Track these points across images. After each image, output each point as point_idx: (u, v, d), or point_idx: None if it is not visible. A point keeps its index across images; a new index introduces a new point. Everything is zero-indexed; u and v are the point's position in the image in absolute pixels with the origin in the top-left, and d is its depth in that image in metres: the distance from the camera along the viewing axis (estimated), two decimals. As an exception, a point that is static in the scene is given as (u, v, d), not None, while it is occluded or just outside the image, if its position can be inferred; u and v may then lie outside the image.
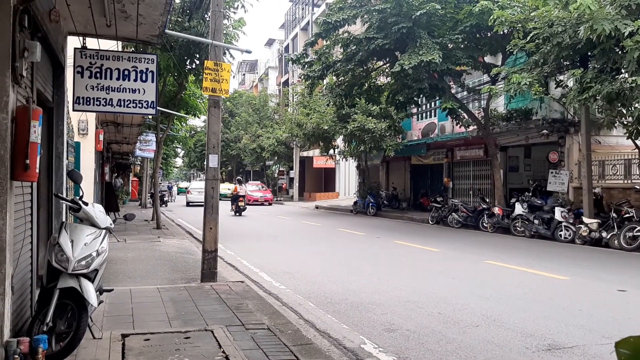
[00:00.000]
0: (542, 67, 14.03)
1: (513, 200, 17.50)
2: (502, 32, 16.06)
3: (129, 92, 6.96)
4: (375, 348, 5.39)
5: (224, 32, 12.86)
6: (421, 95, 19.36)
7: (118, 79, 6.90)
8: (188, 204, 34.59)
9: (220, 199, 9.18)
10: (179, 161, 77.20)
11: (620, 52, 11.85)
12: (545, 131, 17.89)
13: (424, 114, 26.92)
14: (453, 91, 20.09)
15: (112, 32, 6.77)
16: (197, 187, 34.14)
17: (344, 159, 32.84)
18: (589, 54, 13.26)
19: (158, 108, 8.59)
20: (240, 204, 25.17)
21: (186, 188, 43.33)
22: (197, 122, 48.82)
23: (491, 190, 20.56)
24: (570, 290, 8.33)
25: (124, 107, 6.98)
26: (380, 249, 13.50)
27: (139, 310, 6.46)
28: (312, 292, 8.03)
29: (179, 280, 8.66)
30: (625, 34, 10.90)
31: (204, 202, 8.67)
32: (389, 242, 14.65)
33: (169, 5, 5.94)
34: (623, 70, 12.09)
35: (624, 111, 13.11)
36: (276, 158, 46.23)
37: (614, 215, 13.63)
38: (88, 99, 6.82)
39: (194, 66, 15.47)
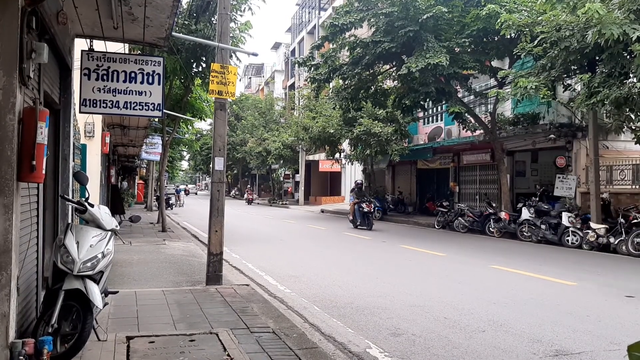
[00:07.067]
0: (550, 72, 13.95)
1: (520, 205, 17.43)
2: (509, 36, 16.00)
3: (136, 94, 6.96)
4: (381, 352, 5.35)
5: (231, 35, 12.89)
6: (428, 99, 19.31)
7: (125, 81, 6.91)
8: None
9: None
10: (184, 164, 77.56)
11: (628, 57, 11.78)
12: (552, 135, 17.78)
13: (430, 118, 26.85)
14: (460, 95, 20.02)
15: (119, 35, 6.77)
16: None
17: (349, 163, 32.79)
18: (597, 58, 13.18)
19: (164, 111, 8.60)
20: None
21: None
22: (203, 125, 49.27)
23: (498, 195, 20.46)
24: (578, 296, 8.26)
25: (130, 109, 6.98)
26: (386, 253, 13.46)
27: (144, 312, 6.45)
28: (317, 296, 8.01)
29: (184, 283, 8.66)
30: (634, 39, 10.82)
31: (209, 204, 8.67)
32: (395, 246, 14.60)
33: (176, 8, 5.94)
34: (631, 75, 12.01)
35: (632, 116, 13.05)
36: (282, 161, 46.27)
37: (622, 220, 13.54)
38: (95, 101, 6.83)
39: (200, 69, 15.51)
